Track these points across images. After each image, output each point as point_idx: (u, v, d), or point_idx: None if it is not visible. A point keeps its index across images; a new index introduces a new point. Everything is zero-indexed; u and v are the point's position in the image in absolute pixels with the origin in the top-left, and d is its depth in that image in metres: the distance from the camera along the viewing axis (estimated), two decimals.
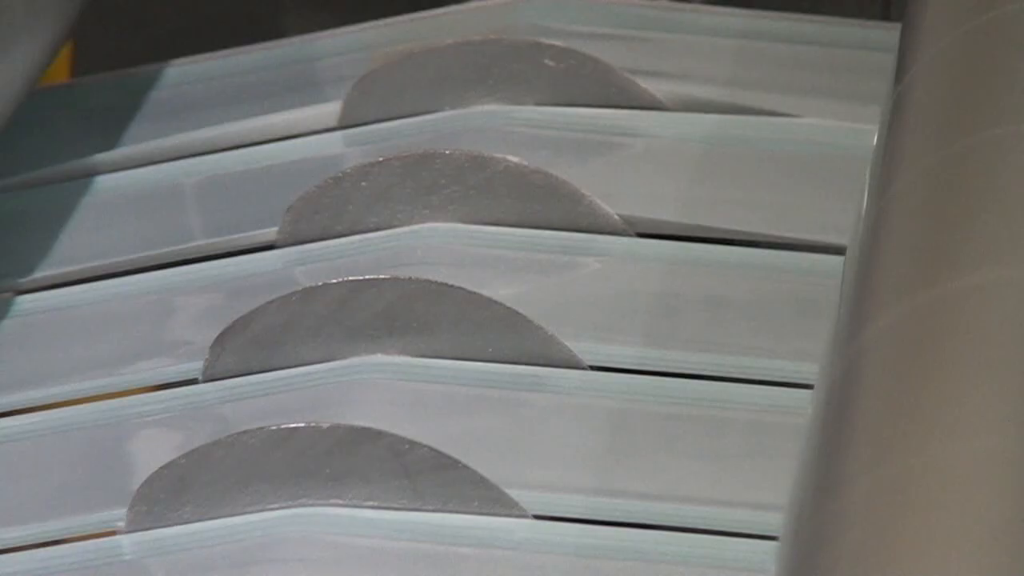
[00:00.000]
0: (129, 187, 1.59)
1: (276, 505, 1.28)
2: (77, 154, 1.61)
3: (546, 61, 1.58)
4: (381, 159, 1.53)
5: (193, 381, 1.41)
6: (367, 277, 1.42)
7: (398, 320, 1.39)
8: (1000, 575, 0.93)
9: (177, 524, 1.27)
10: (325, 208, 1.52)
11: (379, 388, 1.36)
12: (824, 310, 1.34)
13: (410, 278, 1.44)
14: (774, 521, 1.24)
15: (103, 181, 1.58)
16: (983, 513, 0.94)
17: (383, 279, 1.43)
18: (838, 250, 1.37)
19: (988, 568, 0.94)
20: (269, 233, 1.50)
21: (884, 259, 1.25)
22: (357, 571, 1.22)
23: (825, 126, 1.55)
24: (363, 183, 1.50)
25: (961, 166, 1.27)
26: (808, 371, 1.29)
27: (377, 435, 1.26)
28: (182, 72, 1.74)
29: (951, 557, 0.93)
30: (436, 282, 1.42)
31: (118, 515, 1.27)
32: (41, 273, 1.52)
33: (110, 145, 1.62)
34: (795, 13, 1.76)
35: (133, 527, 1.27)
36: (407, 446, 1.27)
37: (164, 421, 1.39)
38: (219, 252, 1.52)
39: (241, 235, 1.51)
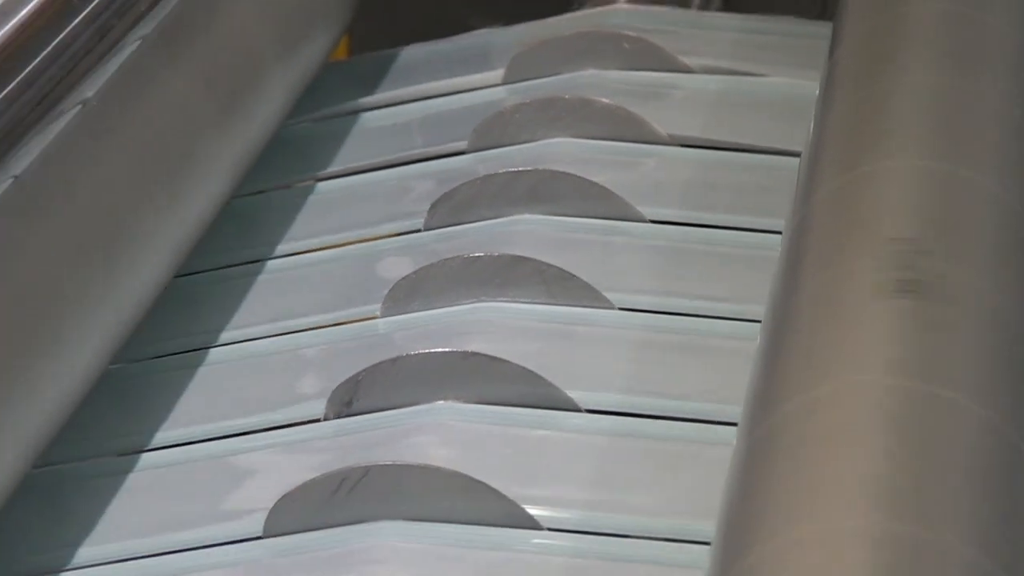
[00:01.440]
0: (381, 120, 1.57)
1: (466, 302, 1.26)
2: (351, 101, 1.60)
3: (624, 45, 1.55)
4: (527, 101, 1.49)
5: (417, 231, 1.39)
6: (520, 169, 1.39)
7: (538, 194, 1.36)
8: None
9: (410, 313, 1.26)
10: (494, 129, 1.47)
11: (529, 233, 1.32)
12: (787, 186, 1.24)
13: (545, 169, 1.38)
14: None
15: (365, 116, 1.57)
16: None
17: (529, 170, 1.39)
18: (796, 153, 1.29)
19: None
20: (462, 145, 1.46)
21: (822, 157, 1.20)
22: (514, 338, 1.19)
23: (789, 82, 1.52)
24: (516, 115, 1.46)
25: (866, 105, 1.22)
26: (776, 223, 1.26)
27: (527, 260, 1.26)
28: (411, 53, 1.67)
29: None
30: (560, 172, 1.38)
31: (375, 308, 1.27)
32: (329, 170, 1.50)
33: (369, 96, 1.60)
34: (765, 15, 1.71)
35: (384, 314, 1.27)
36: (545, 267, 1.26)
37: (400, 252, 1.38)
38: (432, 156, 1.50)
39: (445, 146, 1.48)
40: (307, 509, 1.03)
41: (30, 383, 1.08)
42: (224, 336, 1.27)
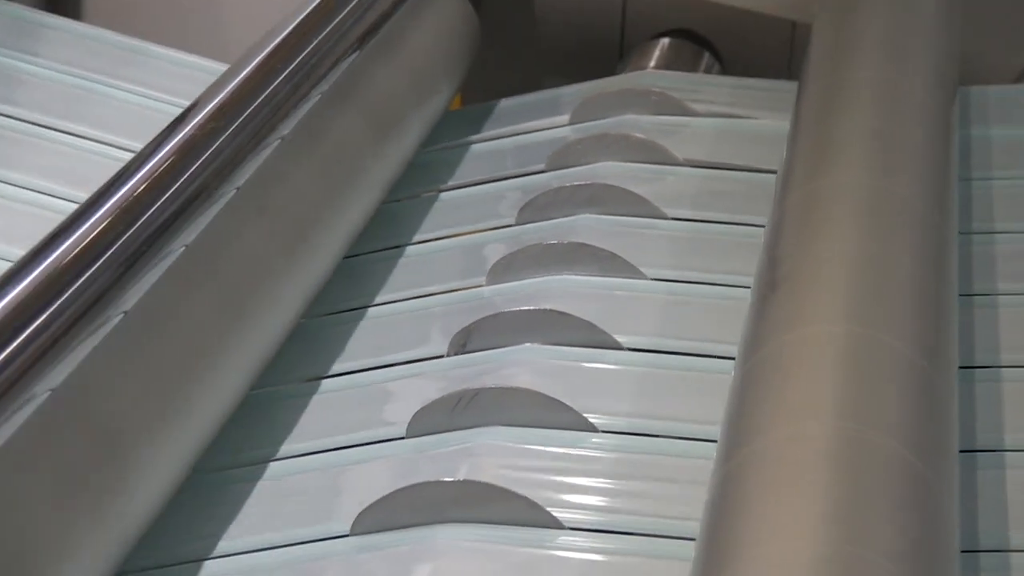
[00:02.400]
0: (485, 149, 1.57)
1: (545, 275, 1.24)
2: (463, 137, 1.61)
3: (652, 97, 1.56)
4: (586, 136, 1.50)
5: (510, 225, 1.37)
6: (582, 183, 1.38)
7: (595, 200, 1.34)
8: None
9: (506, 283, 1.24)
10: (563, 156, 1.48)
11: (588, 227, 1.29)
12: (768, 193, 1.27)
13: (599, 183, 1.37)
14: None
15: (474, 147, 1.57)
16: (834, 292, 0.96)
17: (588, 184, 1.38)
18: (774, 171, 1.33)
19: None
20: (541, 166, 1.46)
21: (791, 174, 1.23)
22: (577, 299, 1.18)
23: (767, 123, 1.51)
24: (578, 146, 1.47)
25: (820, 139, 1.25)
26: (760, 219, 1.27)
27: (585, 246, 1.25)
28: (505, 104, 1.68)
29: None
30: (610, 184, 1.38)
31: (481, 279, 1.25)
32: (448, 184, 1.51)
33: (476, 133, 1.60)
34: (752, 78, 1.68)
35: (488, 284, 1.24)
36: (599, 250, 1.24)
37: (498, 241, 1.33)
38: (520, 174, 1.48)
39: (529, 167, 1.47)
40: (435, 419, 1.03)
41: (252, 337, 1.08)
42: (377, 299, 1.26)
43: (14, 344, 0.82)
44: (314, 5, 1.38)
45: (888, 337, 0.90)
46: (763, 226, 1.24)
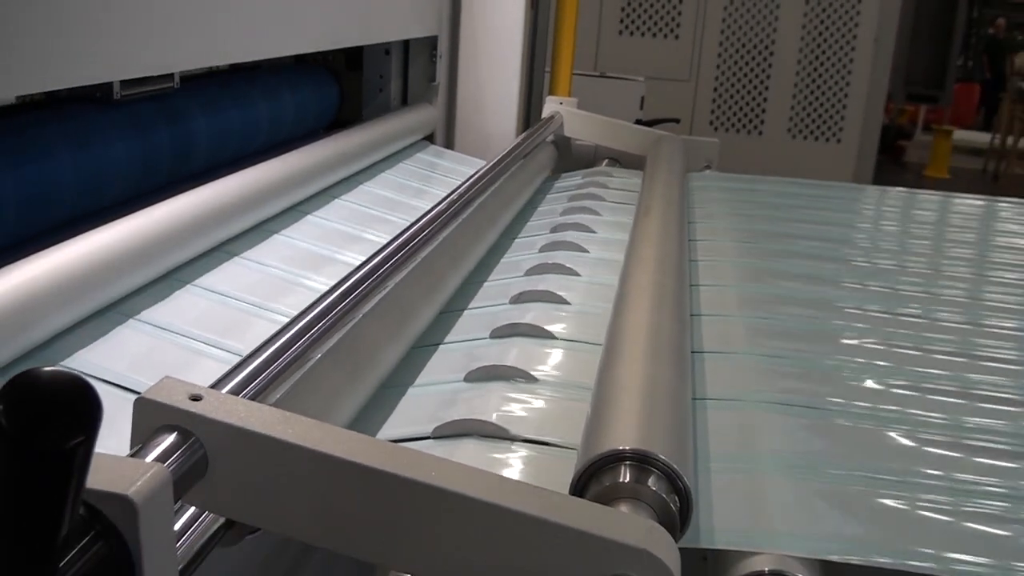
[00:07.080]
0: (561, 186, 2.06)
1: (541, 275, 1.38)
2: (553, 182, 2.05)
3: (605, 170, 2.26)
4: (586, 181, 2.02)
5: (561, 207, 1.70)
6: (591, 189, 1.74)
7: (592, 196, 1.61)
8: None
9: (536, 296, 1.26)
10: (581, 188, 1.91)
11: (595, 195, 1.52)
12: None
13: (592, 192, 1.78)
14: None
15: (557, 183, 2.08)
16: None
17: (587, 192, 1.75)
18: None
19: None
20: (576, 182, 1.92)
21: (640, 213, 1.46)
22: (560, 281, 1.21)
23: (638, 180, 1.88)
24: (586, 184, 2.00)
25: (644, 198, 1.51)
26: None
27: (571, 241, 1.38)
28: (564, 175, 2.23)
29: None
30: (595, 192, 1.74)
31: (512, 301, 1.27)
32: (547, 196, 1.90)
33: (557, 180, 2.14)
34: (633, 169, 2.16)
35: (516, 303, 1.26)
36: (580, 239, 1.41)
37: (549, 232, 1.55)
38: (569, 189, 1.87)
39: (572, 188, 1.83)
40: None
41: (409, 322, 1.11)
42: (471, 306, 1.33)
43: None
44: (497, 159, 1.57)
45: (672, 323, 0.97)
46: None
